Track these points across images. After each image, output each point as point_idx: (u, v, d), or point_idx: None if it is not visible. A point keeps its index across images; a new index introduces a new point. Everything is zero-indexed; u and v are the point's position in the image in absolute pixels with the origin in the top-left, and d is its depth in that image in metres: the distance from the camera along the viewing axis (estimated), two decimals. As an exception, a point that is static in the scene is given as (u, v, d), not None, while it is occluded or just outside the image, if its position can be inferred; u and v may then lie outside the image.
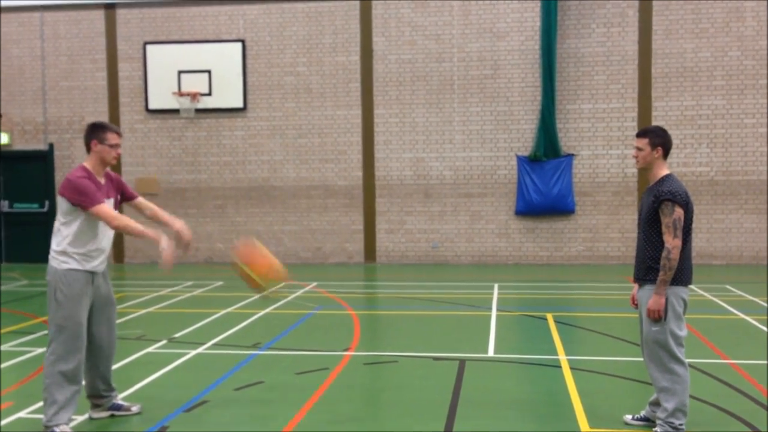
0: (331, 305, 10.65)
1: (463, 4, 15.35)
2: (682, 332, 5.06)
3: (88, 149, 5.42)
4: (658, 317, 4.98)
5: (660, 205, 5.00)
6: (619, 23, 14.99)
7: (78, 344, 5.29)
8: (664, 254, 4.93)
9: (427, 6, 15.45)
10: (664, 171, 5.17)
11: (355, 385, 6.61)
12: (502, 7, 15.28)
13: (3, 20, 16.63)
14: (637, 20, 14.91)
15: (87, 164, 5.41)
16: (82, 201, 5.21)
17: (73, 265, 5.28)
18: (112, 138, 5.41)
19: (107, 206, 5.30)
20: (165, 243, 5.22)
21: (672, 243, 4.93)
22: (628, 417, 5.45)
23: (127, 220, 5.31)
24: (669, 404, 5.01)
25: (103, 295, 5.51)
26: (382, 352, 7.77)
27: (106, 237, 5.45)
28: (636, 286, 5.28)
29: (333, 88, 15.79)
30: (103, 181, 5.46)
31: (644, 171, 5.28)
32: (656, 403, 5.23)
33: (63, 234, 5.30)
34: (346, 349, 7.83)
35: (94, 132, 5.42)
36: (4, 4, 16.48)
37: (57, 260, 5.30)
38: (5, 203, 16.73)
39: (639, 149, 5.19)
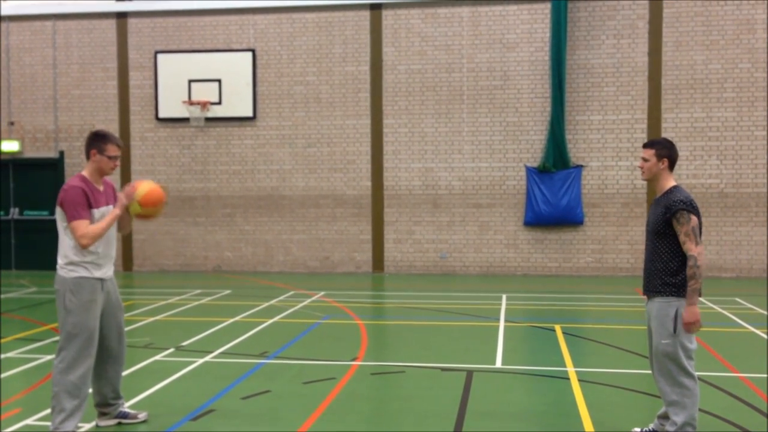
0: (338, 315, 10.64)
1: (472, 14, 15.38)
2: (693, 345, 5.03)
3: (88, 157, 5.44)
4: (697, 329, 4.96)
5: (675, 215, 4.97)
6: (629, 35, 14.98)
7: (88, 352, 5.30)
8: (691, 263, 4.90)
9: (437, 17, 15.49)
10: (671, 182, 5.16)
11: (362, 395, 6.60)
12: (511, 18, 15.30)
13: (16, 29, 16.76)
14: (647, 32, 14.90)
15: (85, 173, 5.44)
16: (67, 211, 5.24)
17: (82, 273, 5.28)
18: (111, 150, 5.41)
19: (84, 225, 5.23)
20: (123, 196, 5.39)
21: (696, 250, 4.91)
22: (637, 430, 5.41)
23: (93, 230, 5.24)
24: (678, 418, 4.97)
25: (112, 301, 5.52)
26: (390, 363, 7.75)
27: (109, 243, 5.45)
28: (646, 298, 5.26)
29: (342, 98, 15.82)
30: (101, 188, 5.48)
31: (650, 182, 5.27)
32: (665, 417, 5.19)
33: (67, 244, 5.31)
34: (354, 359, 7.81)
35: (95, 142, 5.43)
36: (16, 12, 16.62)
37: (65, 269, 5.30)
38: (16, 210, 16.82)
39: (645, 160, 5.19)
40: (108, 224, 5.30)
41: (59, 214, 5.34)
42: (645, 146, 5.24)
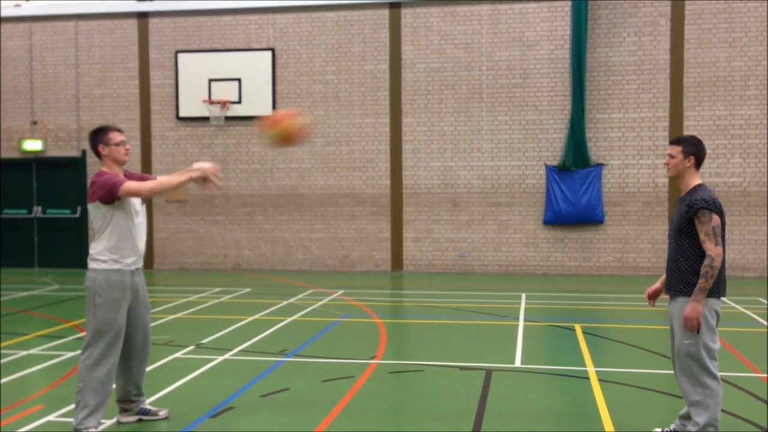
0: (357, 313, 10.65)
1: (492, 12, 15.33)
2: (716, 345, 4.98)
3: (99, 155, 5.50)
4: (695, 326, 4.90)
5: (696, 213, 4.93)
6: (650, 32, 14.85)
7: (115, 349, 5.36)
8: (707, 262, 4.86)
9: (456, 15, 15.45)
10: (696, 181, 5.11)
11: (380, 394, 6.60)
12: (531, 15, 15.22)
13: (38, 29, 16.93)
14: (669, 29, 14.76)
15: (104, 168, 5.50)
16: (113, 190, 5.27)
17: (112, 266, 5.35)
18: (114, 137, 5.47)
19: (133, 182, 5.34)
20: (199, 166, 5.49)
21: (715, 251, 4.87)
22: (658, 430, 5.37)
23: (159, 181, 5.40)
24: (700, 418, 4.93)
25: (140, 299, 5.57)
26: (408, 361, 7.75)
27: (140, 238, 5.53)
28: (668, 297, 5.22)
29: (361, 97, 15.83)
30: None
31: (675, 180, 5.22)
32: (686, 417, 5.15)
33: (99, 239, 5.40)
34: (372, 358, 7.82)
35: (97, 137, 5.50)
36: (39, 13, 16.79)
37: (96, 261, 5.37)
38: (39, 209, 16.99)
39: (671, 156, 5.14)
40: (177, 183, 5.44)
41: (93, 210, 5.39)
42: (672, 143, 5.20)
